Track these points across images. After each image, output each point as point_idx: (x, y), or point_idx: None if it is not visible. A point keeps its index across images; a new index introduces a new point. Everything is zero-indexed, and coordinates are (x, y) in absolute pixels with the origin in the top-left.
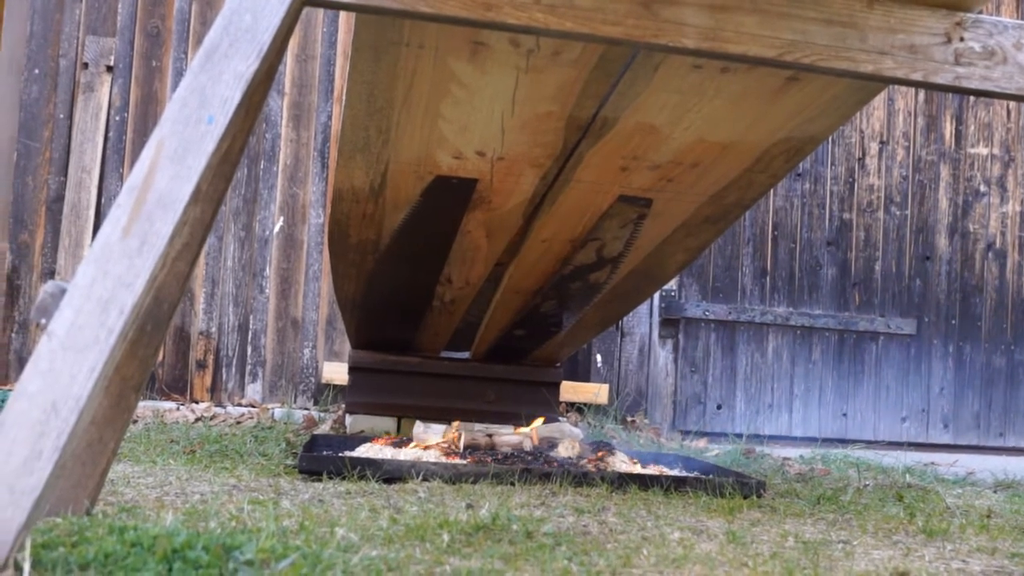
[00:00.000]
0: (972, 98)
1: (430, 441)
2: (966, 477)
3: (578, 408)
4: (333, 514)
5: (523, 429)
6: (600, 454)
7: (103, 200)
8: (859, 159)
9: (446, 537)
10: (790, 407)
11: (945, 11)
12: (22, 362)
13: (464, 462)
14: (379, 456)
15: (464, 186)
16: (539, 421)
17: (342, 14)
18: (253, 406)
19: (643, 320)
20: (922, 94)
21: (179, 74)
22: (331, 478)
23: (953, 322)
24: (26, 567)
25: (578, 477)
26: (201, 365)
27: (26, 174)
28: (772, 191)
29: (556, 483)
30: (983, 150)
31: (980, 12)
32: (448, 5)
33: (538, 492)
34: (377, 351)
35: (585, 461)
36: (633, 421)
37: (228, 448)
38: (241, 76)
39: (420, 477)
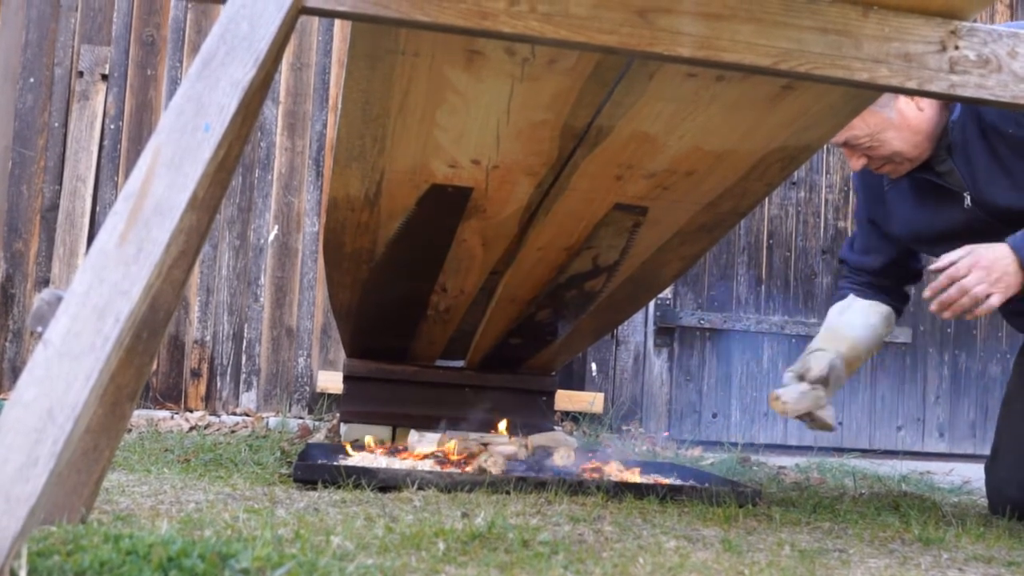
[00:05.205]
0: None
1: (425, 450)
2: (962, 486)
3: (573, 417)
4: (328, 523)
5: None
6: (595, 463)
7: (98, 208)
8: None
9: (442, 545)
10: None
11: (940, 20)
12: (16, 371)
13: (459, 471)
14: (374, 465)
15: (459, 195)
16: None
17: (337, 23)
18: (248, 415)
19: (638, 329)
20: None
21: (174, 83)
22: (326, 487)
23: (948, 331)
24: (22, 575)
25: (574, 486)
26: (196, 374)
27: (21, 183)
28: (767, 200)
29: (552, 492)
30: None
31: (975, 21)
32: (445, 14)
33: (534, 501)
34: (372, 360)
35: (580, 470)
36: (628, 430)
37: (223, 457)
38: (238, 84)
39: (415, 486)
